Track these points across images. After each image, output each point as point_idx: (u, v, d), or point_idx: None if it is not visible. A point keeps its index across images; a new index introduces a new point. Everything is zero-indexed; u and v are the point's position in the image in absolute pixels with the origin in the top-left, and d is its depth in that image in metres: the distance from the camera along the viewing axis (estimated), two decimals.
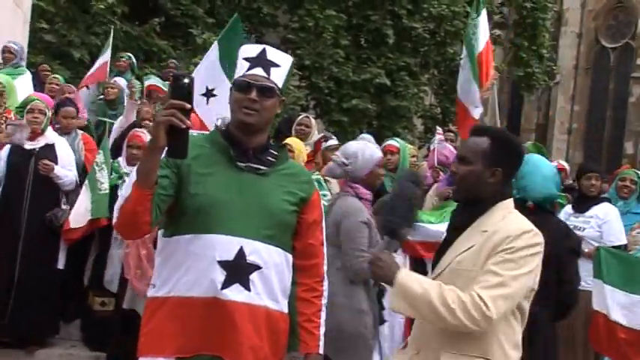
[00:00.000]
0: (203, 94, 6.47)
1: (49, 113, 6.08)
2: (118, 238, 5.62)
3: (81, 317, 6.15)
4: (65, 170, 5.93)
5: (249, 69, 2.63)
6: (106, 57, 9.12)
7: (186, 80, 2.31)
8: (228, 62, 7.25)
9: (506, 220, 2.63)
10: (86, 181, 5.82)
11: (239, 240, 2.54)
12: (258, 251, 2.56)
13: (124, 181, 5.69)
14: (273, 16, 16.33)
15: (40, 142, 5.93)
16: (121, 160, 5.93)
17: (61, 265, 5.93)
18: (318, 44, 15.36)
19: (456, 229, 2.73)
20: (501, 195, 2.69)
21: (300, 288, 2.75)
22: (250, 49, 2.69)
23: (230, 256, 2.53)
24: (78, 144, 6.46)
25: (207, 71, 6.69)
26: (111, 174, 5.88)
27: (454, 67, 18.53)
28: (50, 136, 6.03)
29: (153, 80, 8.77)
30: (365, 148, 4.34)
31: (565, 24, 31.35)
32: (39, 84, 8.33)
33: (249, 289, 2.55)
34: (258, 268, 2.57)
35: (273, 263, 2.61)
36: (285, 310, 2.70)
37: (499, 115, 8.17)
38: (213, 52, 7.17)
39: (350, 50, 15.92)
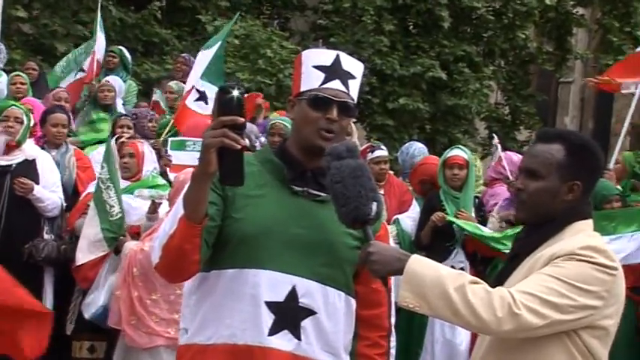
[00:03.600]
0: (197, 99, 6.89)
1: (29, 122, 6.16)
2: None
3: None
4: (48, 192, 5.99)
5: (325, 81, 2.69)
6: (96, 46, 9.28)
7: (235, 92, 2.37)
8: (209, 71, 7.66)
9: (575, 237, 2.63)
10: (91, 205, 5.82)
11: (291, 278, 2.60)
12: (312, 293, 2.62)
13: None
14: None
15: (17, 157, 6.00)
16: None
17: (48, 305, 5.91)
18: (356, 31, 15.40)
19: (517, 255, 2.73)
20: (578, 214, 2.69)
21: (362, 342, 2.79)
22: (321, 56, 2.75)
23: (280, 296, 2.59)
24: (69, 160, 6.55)
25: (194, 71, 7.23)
26: None
27: (525, 57, 18.50)
28: (30, 149, 6.10)
29: (158, 96, 9.04)
30: None
31: None
32: None
33: (299, 338, 2.60)
34: (312, 313, 2.62)
35: (332, 309, 2.66)
36: None
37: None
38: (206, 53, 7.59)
39: (396, 37, 15.93)
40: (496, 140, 7.75)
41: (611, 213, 6.39)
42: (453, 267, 5.15)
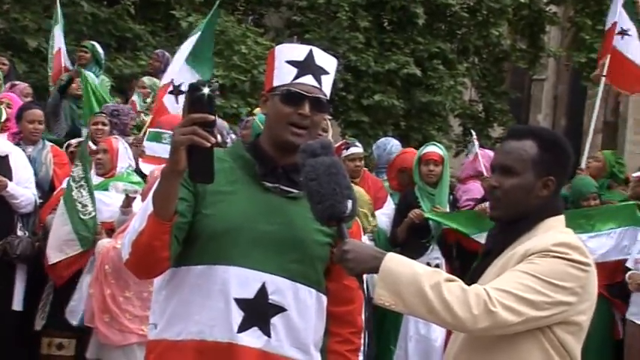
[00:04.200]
0: (170, 92, 6.78)
1: (1, 117, 6.12)
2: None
3: None
4: (21, 188, 5.95)
5: (297, 76, 2.68)
6: (58, 42, 9.23)
7: (205, 90, 2.37)
8: (196, 56, 7.62)
9: (547, 233, 2.65)
10: (61, 202, 5.80)
11: (261, 275, 2.60)
12: (282, 290, 2.62)
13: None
14: None
15: None
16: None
17: (17, 305, 5.95)
18: (331, 27, 15.39)
19: (490, 252, 2.76)
20: (550, 210, 2.72)
21: (333, 339, 2.80)
22: (294, 50, 2.75)
23: (249, 293, 2.59)
24: (46, 156, 6.51)
25: (174, 63, 7.09)
26: None
27: (499, 54, 18.58)
28: (2, 145, 6.06)
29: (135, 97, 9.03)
30: None
31: None
32: None
33: (269, 335, 2.60)
34: (281, 310, 2.62)
35: (303, 305, 2.66)
36: None
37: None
38: (187, 43, 7.53)
39: (371, 34, 15.94)
40: (474, 137, 7.81)
41: (588, 211, 6.47)
42: (428, 264, 5.21)
